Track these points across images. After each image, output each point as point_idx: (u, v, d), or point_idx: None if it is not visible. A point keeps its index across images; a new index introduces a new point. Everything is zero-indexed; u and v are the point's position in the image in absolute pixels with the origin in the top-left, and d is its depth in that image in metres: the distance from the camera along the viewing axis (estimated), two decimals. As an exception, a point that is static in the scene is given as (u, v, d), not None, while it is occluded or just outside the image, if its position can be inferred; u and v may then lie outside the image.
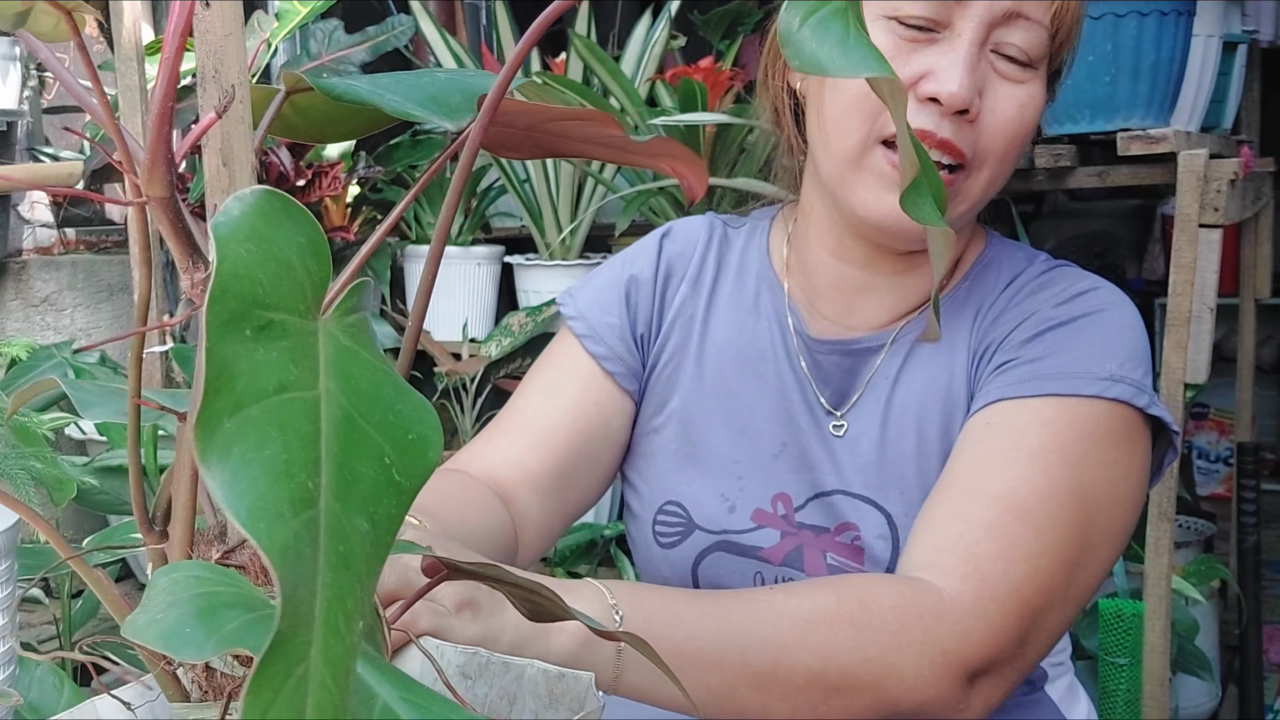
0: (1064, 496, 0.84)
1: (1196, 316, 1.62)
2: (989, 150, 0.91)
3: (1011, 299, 0.97)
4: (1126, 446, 0.89)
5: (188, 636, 0.32)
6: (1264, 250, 2.47)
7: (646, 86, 2.27)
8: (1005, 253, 1.02)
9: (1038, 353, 0.92)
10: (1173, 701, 2.07)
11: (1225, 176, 1.62)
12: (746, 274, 1.06)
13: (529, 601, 0.53)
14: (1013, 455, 0.87)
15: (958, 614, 0.79)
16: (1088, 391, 0.88)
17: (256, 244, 0.31)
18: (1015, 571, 0.81)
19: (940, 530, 0.85)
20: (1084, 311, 0.94)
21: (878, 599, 0.79)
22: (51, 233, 2.46)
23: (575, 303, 1.08)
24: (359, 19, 2.42)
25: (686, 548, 1.00)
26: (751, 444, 1.01)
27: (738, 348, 1.04)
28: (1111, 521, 0.88)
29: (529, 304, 2.28)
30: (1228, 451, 3.55)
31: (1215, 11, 1.80)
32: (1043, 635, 0.83)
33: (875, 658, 0.76)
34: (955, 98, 0.88)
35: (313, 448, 0.28)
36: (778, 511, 0.99)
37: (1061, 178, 1.85)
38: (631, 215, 2.10)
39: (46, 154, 2.38)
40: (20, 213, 2.40)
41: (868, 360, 0.99)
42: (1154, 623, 1.68)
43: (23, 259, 2.37)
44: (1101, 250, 3.63)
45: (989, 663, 0.80)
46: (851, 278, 1.00)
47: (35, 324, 2.38)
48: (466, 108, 0.50)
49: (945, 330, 0.98)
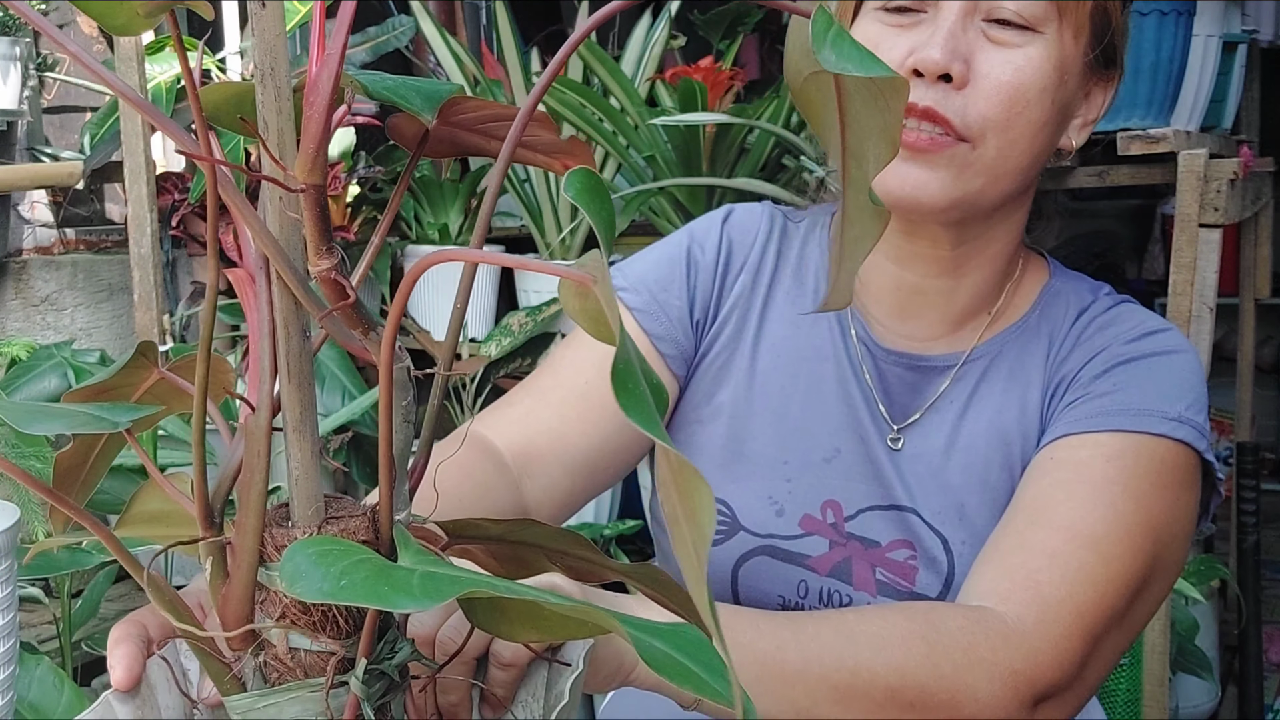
0: (1133, 528, 0.85)
1: (1196, 316, 1.62)
2: (987, 116, 0.88)
3: (1082, 333, 0.96)
4: (1188, 487, 0.90)
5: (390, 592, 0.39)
6: (1264, 250, 2.47)
7: (646, 86, 2.27)
8: (1070, 283, 1.01)
9: (1106, 388, 0.91)
10: (1173, 701, 2.07)
11: (1225, 176, 1.62)
12: (805, 270, 1.03)
13: (565, 558, 0.54)
14: (1076, 487, 0.87)
15: (1021, 637, 0.79)
16: (1156, 430, 0.88)
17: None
18: (1079, 596, 0.82)
19: (1002, 560, 0.85)
20: (1154, 351, 0.94)
21: (945, 620, 0.79)
22: (51, 233, 2.47)
23: (626, 276, 1.04)
24: (359, 19, 2.42)
25: (729, 548, 0.98)
26: (802, 445, 0.99)
27: (794, 346, 1.01)
28: (1172, 555, 0.88)
29: (529, 304, 2.28)
30: (1228, 451, 3.54)
31: (1215, 11, 1.80)
32: (1101, 663, 0.83)
33: (949, 675, 0.76)
34: (930, 61, 0.86)
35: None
36: (827, 519, 0.97)
37: (1061, 177, 1.85)
38: (631, 215, 2.10)
39: (46, 154, 2.38)
40: (20, 213, 2.40)
41: (933, 380, 0.98)
42: (1154, 622, 1.68)
43: (23, 259, 2.38)
44: (1101, 250, 3.63)
45: (1053, 686, 0.80)
46: (904, 280, 0.98)
47: (35, 324, 2.38)
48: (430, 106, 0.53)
49: (1018, 361, 0.97)
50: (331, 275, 0.45)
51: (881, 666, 0.75)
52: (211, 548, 0.49)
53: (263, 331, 0.47)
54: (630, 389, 0.37)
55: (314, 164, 0.44)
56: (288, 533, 0.48)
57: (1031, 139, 0.90)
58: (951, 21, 0.88)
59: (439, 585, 0.39)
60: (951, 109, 0.88)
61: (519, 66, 2.24)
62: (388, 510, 0.48)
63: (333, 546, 0.41)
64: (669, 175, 2.11)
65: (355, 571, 0.40)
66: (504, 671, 0.61)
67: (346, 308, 0.46)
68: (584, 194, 0.43)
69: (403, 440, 0.49)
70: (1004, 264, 0.99)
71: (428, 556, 0.44)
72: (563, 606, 0.40)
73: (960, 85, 0.88)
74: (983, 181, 0.90)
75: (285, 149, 0.45)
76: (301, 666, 0.48)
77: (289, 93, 0.45)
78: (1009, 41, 0.88)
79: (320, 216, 0.45)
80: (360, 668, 0.47)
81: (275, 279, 0.46)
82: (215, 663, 0.50)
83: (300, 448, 0.48)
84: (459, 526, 0.54)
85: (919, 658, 0.76)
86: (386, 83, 0.52)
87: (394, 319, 0.45)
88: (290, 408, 0.47)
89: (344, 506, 0.50)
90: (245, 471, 0.48)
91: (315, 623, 0.48)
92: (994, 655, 0.78)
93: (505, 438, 0.95)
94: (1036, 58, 0.88)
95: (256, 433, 0.47)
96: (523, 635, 0.47)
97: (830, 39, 0.40)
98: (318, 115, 0.44)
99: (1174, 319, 1.62)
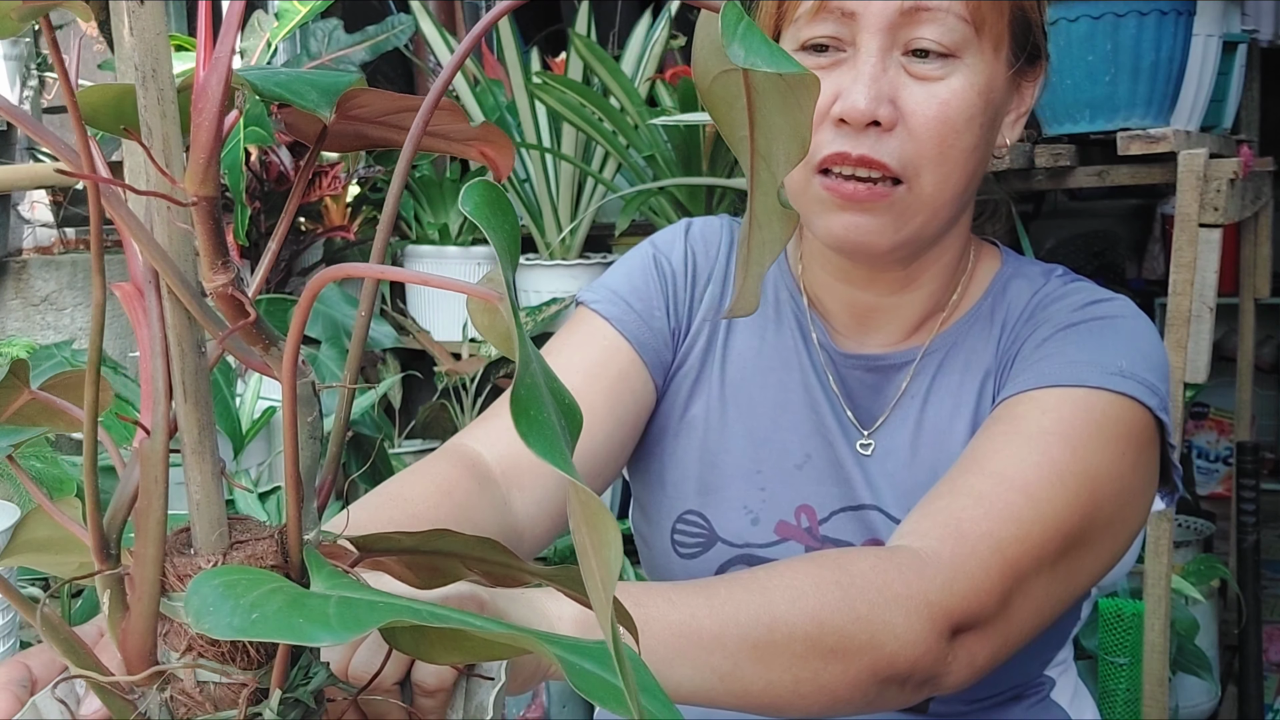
0: (1066, 475, 0.84)
1: (1196, 316, 1.62)
2: (921, 155, 0.88)
3: (1032, 314, 0.97)
4: (1136, 442, 0.88)
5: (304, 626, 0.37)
6: (1264, 250, 2.47)
7: (646, 86, 2.27)
8: (1022, 269, 1.01)
9: (1048, 351, 0.91)
10: (1172, 701, 2.07)
11: (1225, 176, 1.62)
12: (765, 281, 1.04)
13: (482, 565, 0.53)
14: (1012, 437, 0.86)
15: (936, 569, 0.78)
16: (1093, 382, 0.87)
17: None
18: (999, 531, 0.81)
19: (930, 504, 0.85)
20: (1097, 316, 0.93)
21: (855, 561, 0.79)
22: (51, 232, 2.46)
23: (604, 289, 1.04)
24: (359, 18, 2.42)
25: (708, 559, 0.99)
26: (774, 454, 1.00)
27: (760, 356, 1.02)
28: (1117, 512, 0.87)
29: (529, 304, 2.28)
30: (1227, 451, 3.54)
31: (1215, 11, 1.81)
32: (1030, 603, 0.82)
33: (865, 615, 0.76)
34: (856, 111, 0.86)
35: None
36: (801, 524, 0.98)
37: (1061, 177, 1.86)
38: (631, 215, 2.10)
39: (46, 154, 2.38)
40: (20, 213, 2.40)
41: (893, 378, 0.99)
42: (1154, 622, 1.68)
43: (23, 258, 2.38)
44: (1101, 250, 3.63)
45: (971, 617, 0.79)
46: (858, 299, 0.99)
47: (35, 323, 2.38)
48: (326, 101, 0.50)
49: (971, 349, 0.98)
50: (229, 291, 0.43)
51: (798, 617, 0.75)
52: (109, 580, 0.46)
53: (154, 350, 0.44)
54: (532, 415, 0.35)
55: (205, 174, 0.41)
56: (191, 561, 0.45)
57: (964, 165, 0.91)
58: (873, 64, 0.87)
59: (357, 614, 0.37)
60: (885, 152, 0.88)
61: (519, 66, 2.24)
62: (296, 532, 0.46)
63: (241, 576, 0.39)
64: (669, 175, 2.11)
65: (267, 603, 0.38)
66: (430, 698, 0.60)
67: (248, 325, 0.44)
68: (482, 209, 0.40)
69: (310, 457, 0.46)
70: (955, 263, 1.00)
71: (342, 579, 0.42)
72: (487, 632, 0.38)
73: (890, 127, 0.88)
74: (923, 218, 0.91)
75: (171, 156, 0.42)
76: (211, 700, 0.45)
77: (173, 95, 0.42)
78: (930, 75, 0.88)
79: (214, 230, 0.42)
80: (275, 699, 0.45)
81: (167, 294, 0.44)
82: (117, 700, 0.46)
83: (200, 470, 0.45)
84: (370, 540, 0.52)
85: (834, 602, 0.76)
86: (279, 78, 0.49)
87: (295, 334, 0.42)
88: (188, 429, 0.44)
89: (249, 529, 0.47)
90: (142, 498, 0.44)
91: (224, 654, 0.45)
92: (908, 589, 0.77)
93: (494, 451, 0.94)
94: (960, 88, 0.88)
95: (153, 457, 0.44)
96: (445, 658, 0.45)
97: (740, 33, 0.38)
98: (208, 123, 0.41)
99: (1174, 319, 1.62)
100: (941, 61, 0.88)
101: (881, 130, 0.87)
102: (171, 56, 0.42)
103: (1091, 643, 1.95)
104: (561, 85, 2.13)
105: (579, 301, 1.05)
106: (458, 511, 0.86)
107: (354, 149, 0.55)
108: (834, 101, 0.88)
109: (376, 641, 0.60)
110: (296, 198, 0.51)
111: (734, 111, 0.44)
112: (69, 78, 0.43)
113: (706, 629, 0.73)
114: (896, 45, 0.88)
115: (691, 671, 0.73)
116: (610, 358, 1.00)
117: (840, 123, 0.88)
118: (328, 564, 0.44)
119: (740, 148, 0.45)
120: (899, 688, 0.78)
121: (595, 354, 1.00)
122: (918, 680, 0.78)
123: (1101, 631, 1.93)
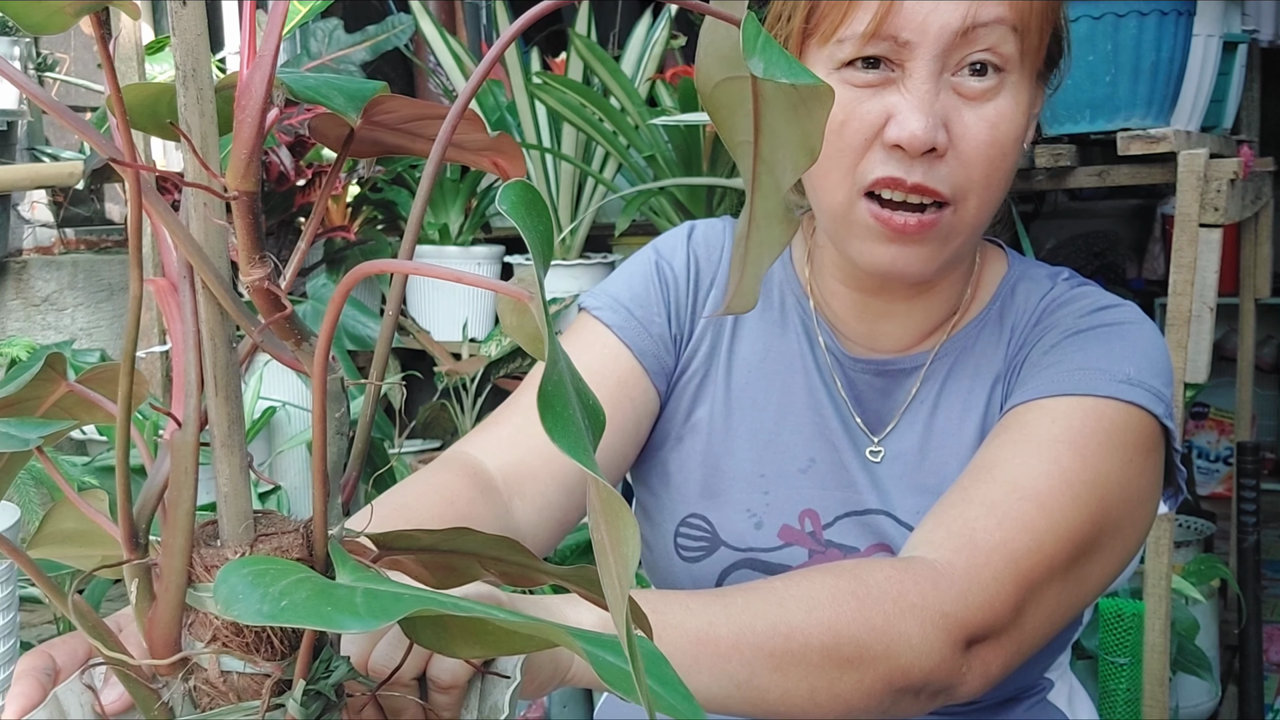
0: (1077, 484, 0.84)
1: (1196, 316, 1.62)
2: (970, 179, 0.88)
3: (1042, 317, 0.97)
4: (1143, 449, 0.89)
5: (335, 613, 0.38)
6: (1264, 250, 2.47)
7: (647, 86, 2.27)
8: (1029, 271, 1.01)
9: (1056, 358, 0.92)
10: (1173, 701, 2.07)
11: (1225, 176, 1.62)
12: (770, 283, 1.04)
13: (499, 564, 0.53)
14: (1022, 445, 0.86)
15: (950, 580, 0.79)
16: (1103, 392, 0.88)
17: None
18: (1013, 542, 0.81)
19: (942, 514, 0.85)
20: (1105, 323, 0.94)
21: (871, 572, 0.79)
22: (51, 232, 2.47)
23: (606, 295, 1.04)
24: (359, 18, 2.42)
25: (711, 563, 0.99)
26: (778, 458, 0.99)
27: (764, 359, 1.02)
28: (1125, 518, 0.87)
29: (529, 304, 2.28)
30: (1227, 451, 3.55)
31: (1215, 11, 1.80)
32: (1042, 611, 0.83)
33: (880, 626, 0.76)
34: (917, 140, 0.85)
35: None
36: (805, 528, 0.98)
37: (1061, 177, 1.86)
38: (631, 215, 2.10)
39: (46, 154, 2.38)
40: (20, 213, 2.41)
41: (902, 383, 0.99)
42: (1154, 622, 1.68)
43: (23, 259, 2.38)
44: (1101, 250, 3.63)
45: (986, 628, 0.79)
46: (870, 305, 0.99)
47: (36, 324, 2.39)
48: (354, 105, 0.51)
49: (981, 354, 0.98)
50: (265, 285, 0.44)
51: (814, 626, 0.75)
52: (137, 570, 0.47)
53: (188, 344, 0.45)
54: (557, 411, 0.36)
55: (247, 169, 0.42)
56: (218, 552, 0.46)
57: (1005, 185, 0.91)
58: (927, 89, 0.86)
59: (384, 604, 0.38)
60: (939, 179, 0.87)
61: (519, 66, 2.24)
62: (322, 526, 0.46)
63: (269, 566, 0.40)
64: (669, 175, 2.11)
65: (295, 591, 0.38)
66: (445, 695, 0.60)
67: (282, 319, 0.44)
68: (519, 208, 0.41)
69: (336, 453, 0.47)
70: (967, 267, 1.00)
71: (366, 573, 0.43)
72: (510, 622, 0.39)
73: (943, 154, 0.87)
74: (962, 239, 0.91)
75: (209, 153, 0.43)
76: (234, 690, 0.46)
77: (211, 95, 0.43)
78: (981, 94, 0.87)
79: (254, 224, 0.43)
80: (298, 690, 0.45)
81: (200, 288, 0.44)
82: (142, 689, 0.47)
83: (229, 463, 0.46)
84: (390, 538, 0.52)
85: (850, 613, 0.76)
86: (309, 82, 0.50)
87: (327, 330, 0.43)
88: (218, 422, 0.45)
89: (274, 523, 0.48)
90: (172, 489, 0.45)
91: (249, 644, 0.46)
92: (923, 600, 0.77)
93: (496, 459, 0.94)
94: (1007, 109, 0.88)
95: (183, 449, 0.45)
96: (465, 651, 0.46)
97: (760, 46, 0.39)
98: (250, 119, 0.42)
99: (1174, 319, 1.62)
100: (992, 76, 0.87)
101: (935, 156, 0.87)
102: (210, 58, 0.43)
103: (1092, 643, 1.95)
104: (562, 85, 2.13)
105: (581, 306, 1.05)
106: (460, 521, 0.85)
107: (371, 154, 0.55)
108: (885, 122, 0.87)
109: (396, 636, 0.60)
110: (323, 202, 0.53)
111: (736, 117, 0.44)
112: (115, 75, 0.44)
113: (724, 637, 0.74)
114: (948, 68, 0.87)
115: (708, 679, 0.73)
116: (610, 365, 1.00)
117: (895, 147, 0.87)
118: (351, 558, 0.45)
119: (741, 152, 0.45)
120: (914, 698, 0.79)
121: (595, 360, 1.00)
122: (932, 691, 0.79)
123: (1102, 631, 1.93)
